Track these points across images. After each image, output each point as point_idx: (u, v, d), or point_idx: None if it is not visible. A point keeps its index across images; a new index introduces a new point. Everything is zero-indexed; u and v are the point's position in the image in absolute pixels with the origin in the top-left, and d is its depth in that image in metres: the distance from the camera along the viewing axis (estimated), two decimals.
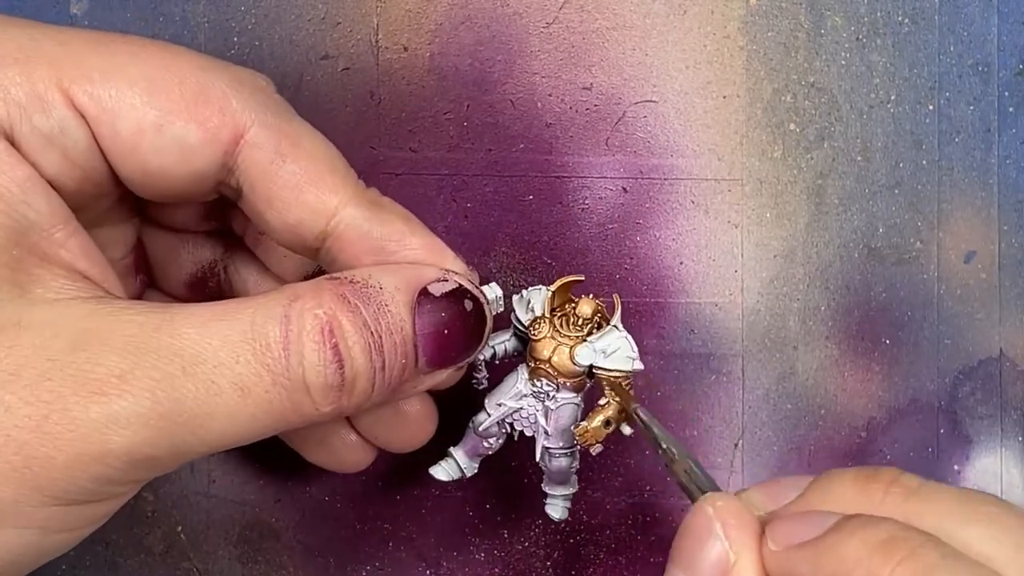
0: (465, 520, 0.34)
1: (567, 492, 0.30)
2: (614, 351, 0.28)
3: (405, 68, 0.34)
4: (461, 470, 0.30)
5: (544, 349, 0.28)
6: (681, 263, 0.34)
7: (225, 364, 0.22)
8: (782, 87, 0.34)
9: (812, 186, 0.34)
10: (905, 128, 0.34)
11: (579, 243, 0.34)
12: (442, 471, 0.30)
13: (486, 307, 0.26)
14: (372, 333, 0.23)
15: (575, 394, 0.28)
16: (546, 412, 0.28)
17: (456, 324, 0.25)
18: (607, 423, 0.27)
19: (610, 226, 0.34)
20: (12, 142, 0.22)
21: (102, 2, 0.34)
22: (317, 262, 0.27)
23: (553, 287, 0.28)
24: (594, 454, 0.28)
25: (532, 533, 0.34)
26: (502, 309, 0.28)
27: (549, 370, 0.28)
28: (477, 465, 0.31)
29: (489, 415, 0.29)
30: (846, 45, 0.34)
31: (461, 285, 0.25)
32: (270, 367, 0.22)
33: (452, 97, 0.34)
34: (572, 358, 0.28)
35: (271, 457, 0.34)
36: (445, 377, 0.26)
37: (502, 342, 0.30)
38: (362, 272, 0.24)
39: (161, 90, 0.23)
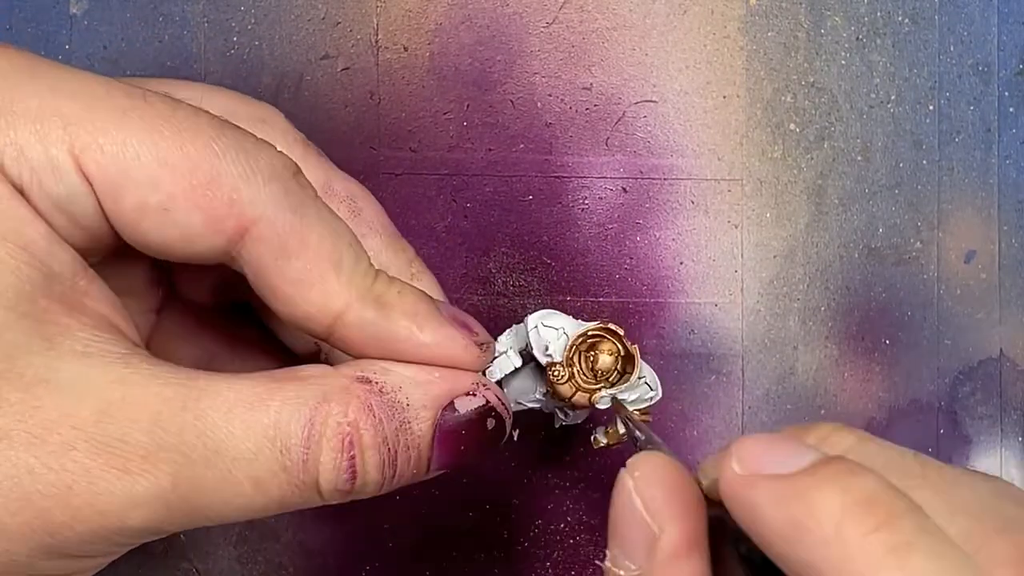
0: (465, 520, 0.34)
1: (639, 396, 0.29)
2: (635, 397, 0.28)
3: (405, 68, 0.34)
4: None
5: (565, 391, 0.27)
6: (681, 263, 0.34)
7: (245, 459, 0.22)
8: (782, 87, 0.34)
9: (812, 186, 0.34)
10: (905, 128, 0.34)
11: (579, 243, 0.34)
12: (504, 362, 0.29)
13: (507, 421, 0.26)
14: (389, 450, 0.23)
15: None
16: (563, 410, 0.29)
17: (473, 440, 0.25)
18: (624, 436, 0.28)
19: (610, 226, 0.34)
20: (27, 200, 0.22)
21: (102, 2, 0.34)
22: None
23: (574, 341, 0.27)
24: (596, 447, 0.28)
25: (532, 533, 0.34)
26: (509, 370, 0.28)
27: (568, 406, 0.28)
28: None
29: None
30: (846, 45, 0.34)
31: (488, 403, 0.25)
32: (287, 468, 0.22)
33: (452, 97, 0.34)
34: (591, 402, 0.27)
35: None
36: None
37: (512, 371, 0.29)
38: (394, 380, 0.24)
39: (170, 173, 0.22)
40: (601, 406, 0.27)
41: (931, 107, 0.34)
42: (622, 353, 0.27)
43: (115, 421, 0.21)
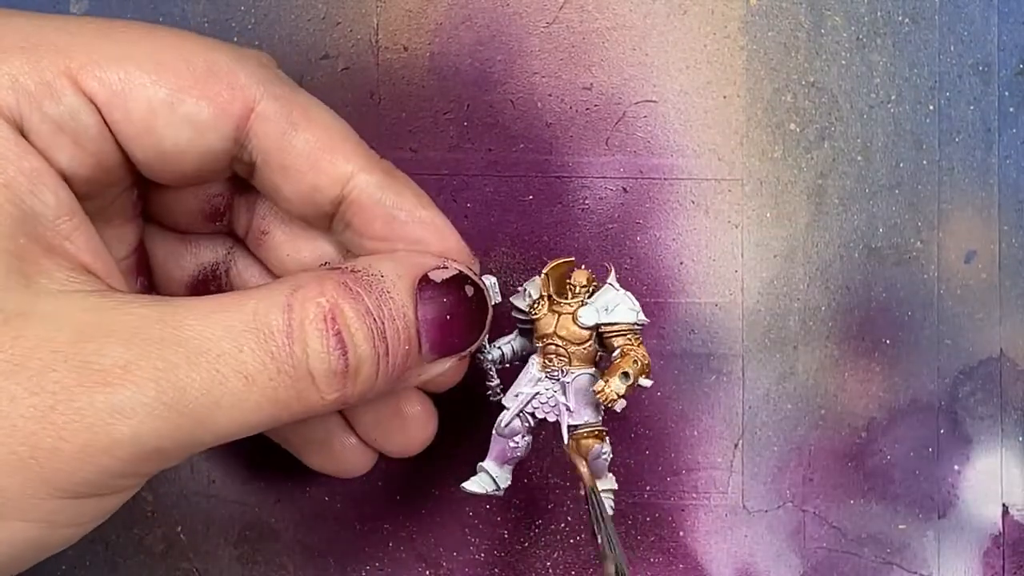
0: (465, 520, 0.34)
1: (607, 487, 0.30)
2: (615, 306, 0.28)
3: (405, 68, 0.34)
4: (495, 481, 0.30)
5: (548, 324, 0.28)
6: (681, 263, 0.34)
7: (229, 353, 0.22)
8: (782, 87, 0.34)
9: (812, 186, 0.34)
10: (905, 128, 0.34)
11: (579, 243, 0.34)
12: (476, 484, 0.30)
13: (487, 293, 0.26)
14: (375, 320, 0.23)
15: (588, 366, 0.28)
16: (564, 388, 0.28)
17: (458, 310, 0.25)
18: (625, 375, 0.27)
19: (610, 226, 0.34)
20: (23, 131, 0.22)
21: (102, 2, 0.34)
22: (329, 234, 0.27)
23: (546, 269, 0.28)
24: (619, 410, 0.27)
25: (532, 533, 0.34)
26: (499, 300, 0.28)
27: (557, 342, 0.28)
28: (510, 476, 0.30)
29: (508, 414, 0.29)
30: (846, 45, 0.34)
31: (461, 272, 0.26)
32: (274, 355, 0.22)
33: (452, 97, 0.34)
34: (576, 321, 0.28)
35: (271, 457, 0.34)
36: (449, 367, 0.26)
37: (508, 342, 0.30)
38: (363, 261, 0.24)
39: (169, 70, 0.23)
40: (586, 321, 0.28)
41: (931, 107, 0.34)
42: (594, 276, 0.28)
43: (92, 340, 0.21)
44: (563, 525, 0.34)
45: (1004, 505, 0.34)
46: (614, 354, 0.28)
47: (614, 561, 0.25)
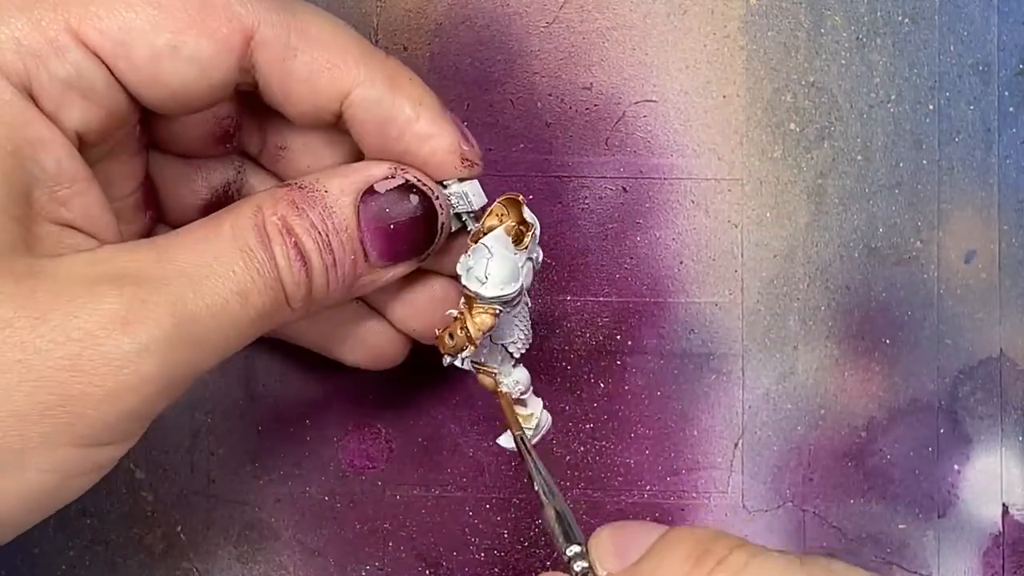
0: (465, 520, 0.34)
1: (530, 413, 0.29)
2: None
3: None
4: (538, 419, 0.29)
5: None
6: (681, 263, 0.34)
7: (225, 276, 0.23)
8: (782, 87, 0.34)
9: (812, 186, 0.34)
10: (905, 128, 0.34)
11: (579, 243, 0.34)
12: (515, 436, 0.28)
13: (435, 201, 0.26)
14: (320, 233, 0.25)
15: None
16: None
17: (402, 219, 0.26)
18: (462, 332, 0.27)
19: (610, 226, 0.34)
20: (31, 93, 0.23)
21: None
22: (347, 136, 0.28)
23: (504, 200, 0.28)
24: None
25: (532, 533, 0.34)
26: (480, 204, 0.27)
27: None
28: (540, 402, 0.29)
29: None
30: (846, 45, 0.34)
31: (407, 181, 0.26)
32: (259, 271, 0.24)
33: (452, 97, 0.34)
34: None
35: (271, 457, 0.34)
36: (401, 271, 0.27)
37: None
38: (311, 178, 0.26)
39: (168, 13, 0.23)
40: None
41: (931, 107, 0.34)
42: (514, 220, 0.27)
43: (103, 284, 0.22)
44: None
45: (1004, 505, 0.34)
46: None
47: (553, 506, 0.24)
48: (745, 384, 0.34)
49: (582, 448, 0.34)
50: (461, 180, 0.27)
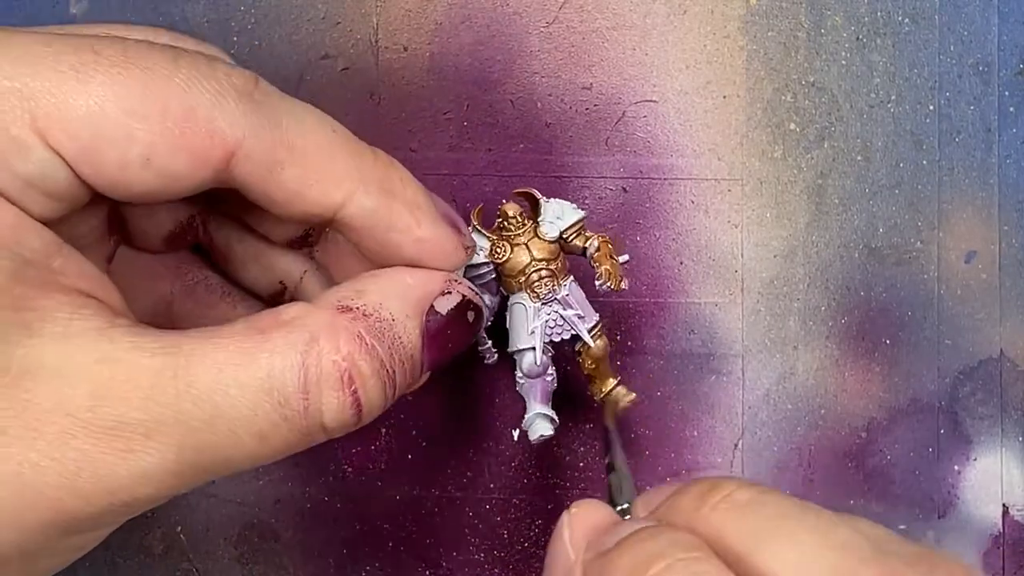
0: (465, 520, 0.34)
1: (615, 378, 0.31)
2: (562, 213, 0.30)
3: (405, 68, 0.34)
4: (551, 418, 0.31)
5: (520, 258, 0.29)
6: (681, 263, 0.34)
7: (245, 417, 0.22)
8: (782, 87, 0.34)
9: (812, 186, 0.34)
10: (905, 128, 0.34)
11: None
12: (544, 428, 0.30)
13: (485, 310, 0.27)
14: (388, 371, 0.23)
15: (568, 275, 0.30)
16: (565, 303, 0.30)
17: (458, 335, 0.25)
18: (613, 258, 0.30)
19: (610, 226, 0.34)
20: None
21: (102, 2, 0.34)
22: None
23: (473, 222, 0.30)
24: (625, 287, 0.30)
25: (532, 533, 0.34)
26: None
27: (540, 266, 0.29)
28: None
29: (532, 348, 0.30)
30: (846, 45, 0.34)
31: (464, 297, 0.26)
32: (288, 418, 0.22)
33: (452, 97, 0.34)
34: (543, 239, 0.30)
35: None
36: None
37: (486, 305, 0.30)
38: (372, 299, 0.24)
39: (143, 122, 0.22)
40: (551, 233, 0.30)
41: (931, 107, 0.34)
42: (518, 201, 0.30)
43: (109, 403, 0.21)
44: None
45: (1004, 505, 0.34)
46: (589, 250, 0.30)
47: (619, 471, 0.26)
48: (745, 384, 0.34)
49: (582, 448, 0.34)
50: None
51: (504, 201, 0.30)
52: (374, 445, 0.34)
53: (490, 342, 0.30)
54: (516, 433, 0.34)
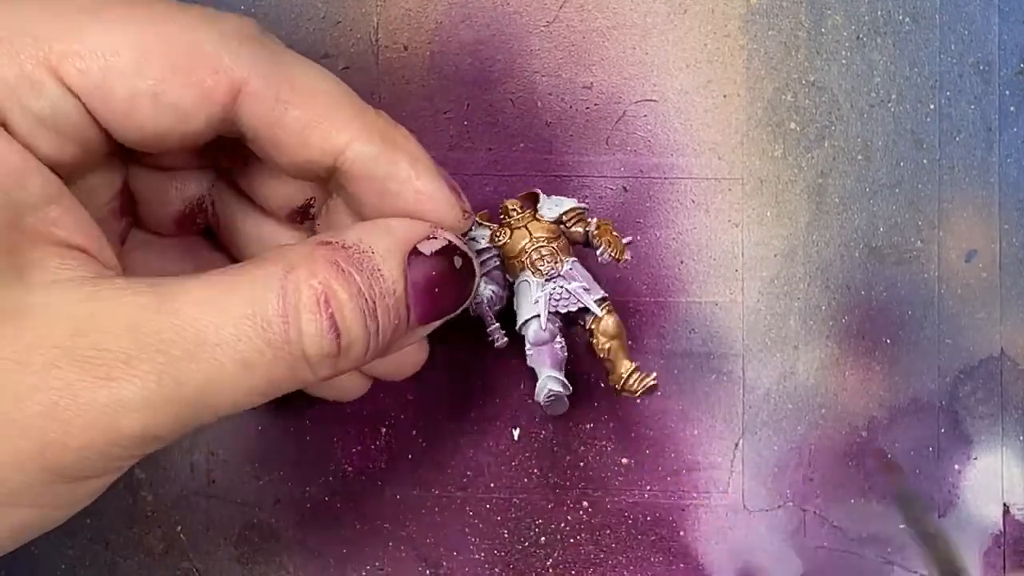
0: (465, 520, 0.34)
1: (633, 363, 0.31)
2: (560, 202, 0.30)
3: (405, 67, 0.34)
4: (563, 382, 0.30)
5: (521, 237, 0.30)
6: (681, 262, 0.34)
7: (228, 343, 0.22)
8: (783, 86, 0.34)
9: (813, 185, 0.34)
10: (906, 127, 0.34)
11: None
12: (555, 384, 0.30)
13: (474, 261, 0.26)
14: (366, 300, 0.23)
15: (570, 255, 0.30)
16: (568, 277, 0.30)
17: (446, 281, 0.25)
18: (613, 234, 0.30)
19: None
20: (4, 124, 0.22)
21: None
22: (323, 187, 0.28)
23: (478, 218, 0.30)
24: (629, 258, 0.30)
25: (532, 533, 0.34)
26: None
27: (539, 244, 0.30)
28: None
29: (537, 315, 0.30)
30: (847, 44, 0.34)
31: (450, 242, 0.26)
32: (271, 342, 0.22)
33: (452, 96, 0.34)
34: (542, 220, 0.30)
35: (271, 457, 0.34)
36: (435, 326, 0.26)
37: (486, 286, 0.30)
38: (353, 235, 0.24)
39: (152, 57, 0.22)
40: (550, 214, 0.30)
41: (932, 106, 0.34)
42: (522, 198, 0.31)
43: (90, 333, 0.21)
44: (563, 525, 0.34)
45: (1005, 504, 0.34)
46: (590, 231, 0.30)
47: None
48: (745, 384, 0.34)
49: (582, 448, 0.34)
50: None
51: (503, 201, 0.30)
52: (374, 445, 0.34)
53: (497, 324, 0.30)
54: (516, 433, 0.34)
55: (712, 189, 0.34)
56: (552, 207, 0.30)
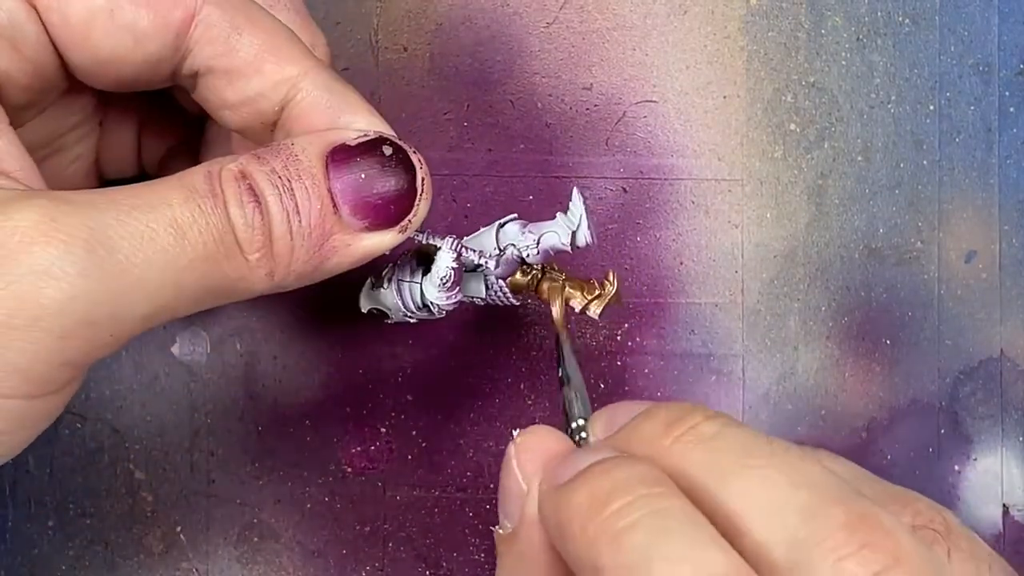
0: (465, 520, 0.34)
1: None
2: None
3: (405, 68, 0.34)
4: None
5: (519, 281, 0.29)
6: (681, 263, 0.34)
7: (158, 208, 0.21)
8: (783, 87, 0.34)
9: (812, 186, 0.34)
10: (906, 128, 0.34)
11: None
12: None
13: (412, 154, 0.25)
14: (281, 178, 0.23)
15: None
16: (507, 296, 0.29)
17: (374, 169, 0.24)
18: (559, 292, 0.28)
19: (610, 226, 0.34)
20: None
21: None
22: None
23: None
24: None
25: None
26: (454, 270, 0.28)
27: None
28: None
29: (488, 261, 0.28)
30: (847, 45, 0.34)
31: (382, 135, 0.25)
32: (201, 207, 0.22)
33: (452, 97, 0.34)
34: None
35: (271, 457, 0.34)
36: (389, 240, 0.25)
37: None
38: (278, 138, 0.25)
39: None
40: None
41: (931, 107, 0.34)
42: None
43: (9, 209, 0.20)
44: None
45: (1004, 505, 0.34)
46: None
47: (572, 386, 0.25)
48: (745, 384, 0.34)
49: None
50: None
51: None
52: (374, 445, 0.34)
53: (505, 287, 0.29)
54: (516, 433, 0.34)
55: (712, 190, 0.34)
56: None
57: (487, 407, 0.34)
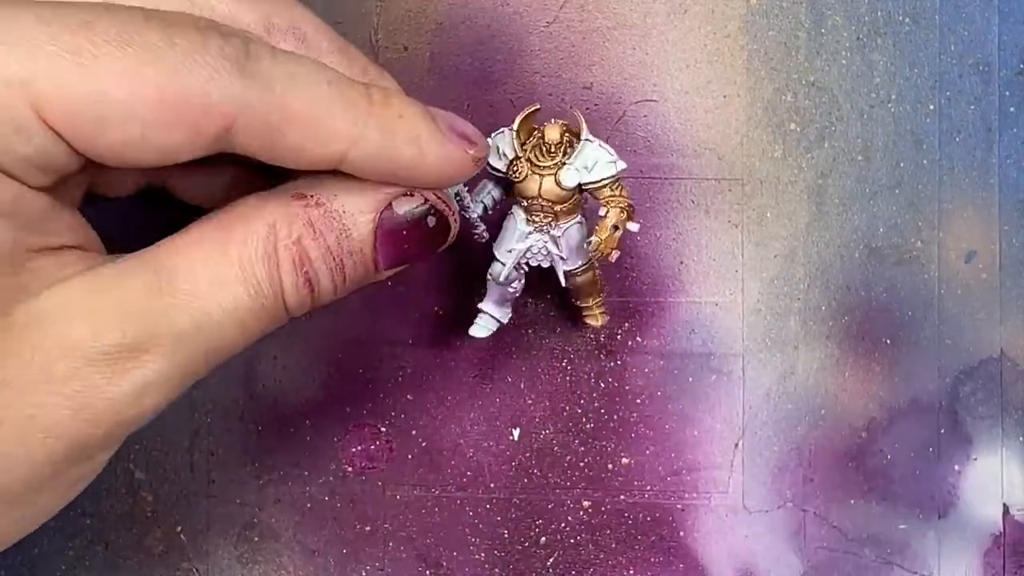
0: (465, 520, 0.34)
1: (599, 299, 0.32)
2: (594, 163, 0.29)
3: (405, 68, 0.34)
4: (497, 320, 0.31)
5: (530, 187, 0.29)
6: (681, 263, 0.34)
7: (227, 310, 0.24)
8: (783, 86, 0.34)
9: (813, 186, 0.34)
10: (906, 128, 0.34)
11: None
12: (481, 328, 0.31)
13: (451, 218, 0.27)
14: (334, 258, 0.25)
15: (574, 216, 0.30)
16: (554, 241, 0.30)
17: (416, 238, 0.26)
18: (615, 228, 0.29)
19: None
20: None
21: None
22: None
23: (514, 125, 0.30)
24: (613, 260, 0.29)
25: (532, 533, 0.34)
26: (476, 212, 0.29)
27: (542, 203, 0.29)
28: (510, 311, 0.32)
29: (503, 264, 0.30)
30: (847, 44, 0.34)
31: (427, 201, 0.26)
32: (264, 306, 0.24)
33: (452, 97, 0.34)
34: (559, 184, 0.29)
35: (271, 457, 0.34)
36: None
37: (488, 192, 0.30)
38: (327, 193, 0.25)
39: (141, 101, 0.22)
40: (569, 184, 0.29)
41: (932, 107, 0.34)
42: (567, 126, 0.30)
43: (103, 328, 0.22)
44: (563, 525, 0.34)
45: (1005, 505, 0.34)
46: (600, 210, 0.29)
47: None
48: (746, 384, 0.34)
49: (582, 448, 0.34)
50: None
51: (552, 121, 0.30)
52: (374, 445, 0.34)
53: (484, 227, 0.30)
54: (516, 433, 0.34)
55: (712, 189, 0.34)
56: (579, 169, 0.29)
57: (487, 407, 0.34)
